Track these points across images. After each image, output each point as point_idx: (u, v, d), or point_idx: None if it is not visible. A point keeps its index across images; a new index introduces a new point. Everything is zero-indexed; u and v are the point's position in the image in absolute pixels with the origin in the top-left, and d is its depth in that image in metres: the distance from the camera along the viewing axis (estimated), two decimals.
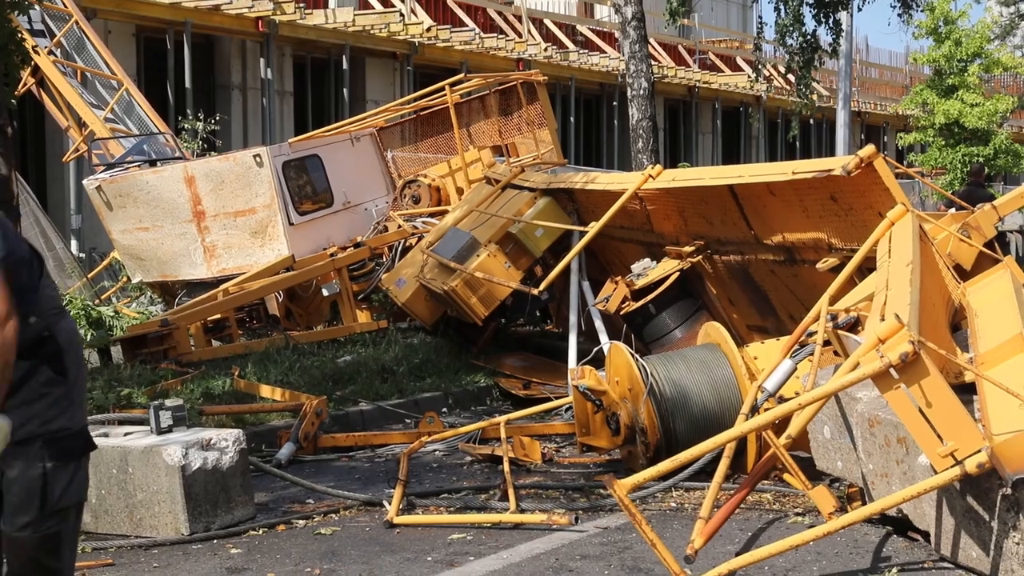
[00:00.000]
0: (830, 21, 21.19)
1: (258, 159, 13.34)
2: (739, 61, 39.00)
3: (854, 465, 6.20)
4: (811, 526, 5.97)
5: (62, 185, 20.43)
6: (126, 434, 7.11)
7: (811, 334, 6.57)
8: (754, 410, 6.34)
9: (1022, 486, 4.73)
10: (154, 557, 6.40)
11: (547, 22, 32.12)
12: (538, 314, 13.41)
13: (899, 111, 32.92)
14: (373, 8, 26.26)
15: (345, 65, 24.67)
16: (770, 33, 22.01)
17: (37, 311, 4.25)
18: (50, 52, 16.40)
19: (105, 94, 16.85)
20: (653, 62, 21.62)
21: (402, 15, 25.47)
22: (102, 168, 14.79)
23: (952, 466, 4.78)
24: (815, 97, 23.00)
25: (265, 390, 9.96)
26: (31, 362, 4.24)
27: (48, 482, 4.23)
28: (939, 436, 4.77)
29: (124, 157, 14.80)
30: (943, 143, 27.05)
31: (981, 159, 26.35)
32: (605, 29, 33.92)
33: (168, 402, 7.22)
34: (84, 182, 14.94)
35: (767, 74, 26.46)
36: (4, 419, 4.09)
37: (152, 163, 14.45)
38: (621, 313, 9.86)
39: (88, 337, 11.93)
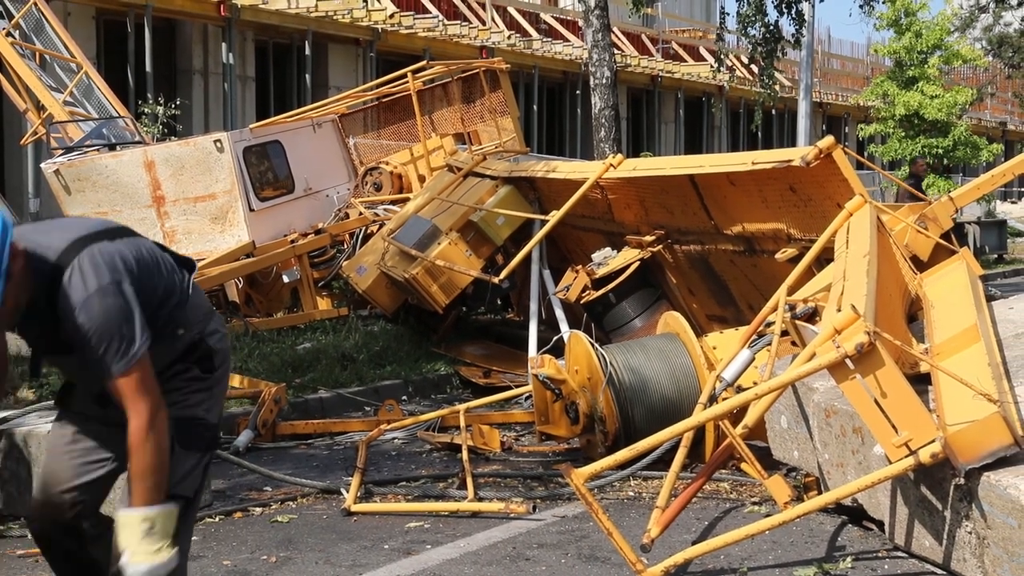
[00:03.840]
0: (792, 11, 21.26)
1: (218, 144, 13.25)
2: (702, 51, 39.08)
3: (810, 455, 6.24)
4: (767, 515, 6.01)
5: (20, 168, 20.24)
6: None
7: (769, 324, 6.59)
8: (712, 399, 6.36)
9: (975, 476, 4.77)
10: None
11: (511, 10, 32.07)
12: (499, 302, 13.41)
13: (860, 102, 33.09)
14: None
15: (307, 51, 24.56)
16: (733, 23, 22.06)
17: (186, 323, 4.13)
18: (8, 34, 16.22)
19: (64, 77, 16.68)
20: (616, 51, 21.65)
21: (365, 1, 25.34)
22: (60, 152, 14.65)
23: (906, 456, 4.82)
24: (777, 87, 23.06)
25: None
26: (183, 364, 4.15)
27: (172, 458, 4.02)
28: (894, 426, 4.80)
29: (83, 141, 14.66)
30: (903, 134, 27.23)
31: (940, 150, 26.55)
32: (569, 18, 33.91)
33: None
34: (42, 166, 14.79)
35: (729, 64, 26.51)
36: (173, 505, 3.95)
37: (111, 147, 14.32)
38: (581, 302, 9.87)
39: None
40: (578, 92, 31.38)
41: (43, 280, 3.78)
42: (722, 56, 22.58)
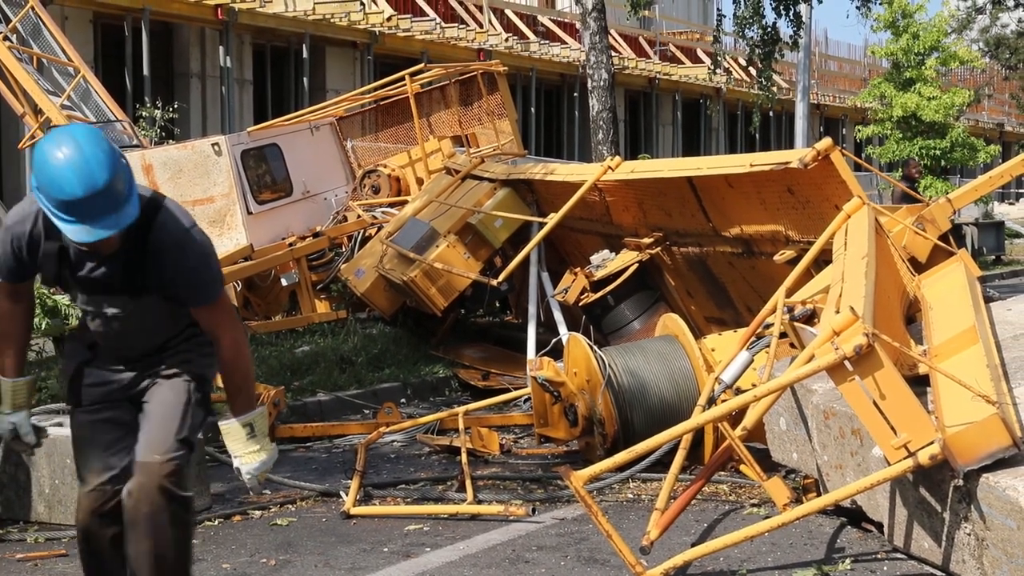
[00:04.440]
0: (790, 13, 21.25)
1: (216, 148, 13.25)
2: (699, 53, 39.10)
3: (809, 456, 6.24)
4: (766, 517, 6.01)
5: (18, 172, 20.23)
6: None
7: (768, 326, 6.60)
8: (711, 402, 6.37)
9: (974, 477, 4.77)
10: None
11: (508, 12, 32.07)
12: (497, 305, 13.41)
13: (857, 104, 33.10)
14: None
15: (305, 54, 24.55)
16: (730, 25, 22.07)
17: None
18: (5, 38, 16.20)
19: (62, 81, 16.67)
20: (614, 53, 21.64)
21: (362, 4, 25.34)
22: None
23: (905, 458, 4.82)
24: (775, 89, 23.05)
25: (222, 380, 9.89)
26: (198, 328, 4.46)
27: (190, 409, 4.40)
28: (892, 428, 4.81)
29: None
30: (900, 136, 27.23)
31: (938, 152, 26.55)
32: (566, 20, 33.92)
33: None
34: None
35: (726, 66, 26.48)
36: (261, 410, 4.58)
37: None
38: (580, 304, 9.87)
39: (43, 326, 11.83)
40: (575, 94, 31.38)
41: (136, 219, 4.11)
42: (718, 58, 22.58)
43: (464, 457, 7.56)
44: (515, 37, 30.39)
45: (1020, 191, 46.38)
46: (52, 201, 3.89)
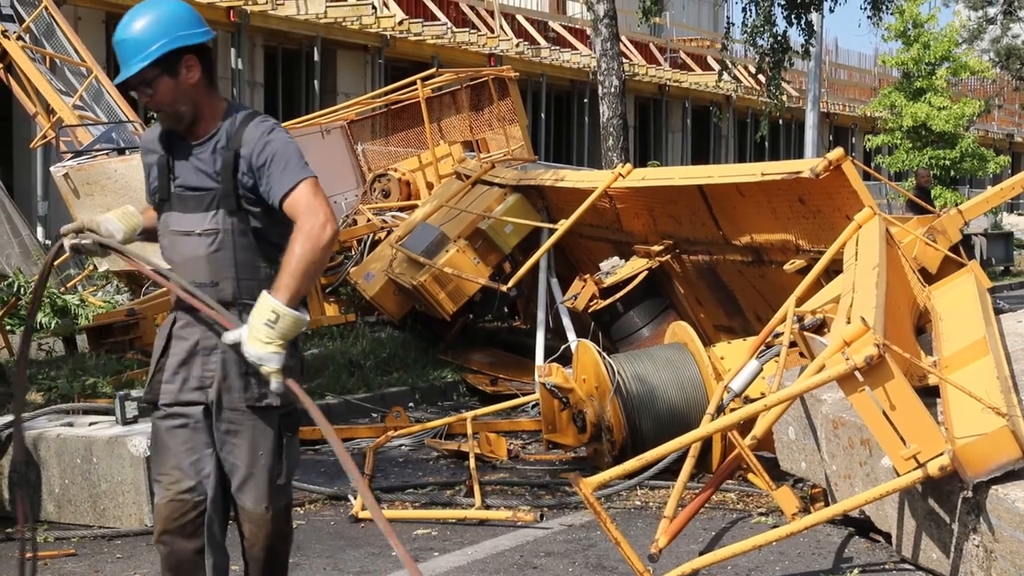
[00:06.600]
0: (802, 22, 21.25)
1: None
2: (710, 60, 39.09)
3: (818, 466, 6.25)
4: (774, 526, 6.02)
5: (29, 172, 20.27)
6: (91, 424, 7.08)
7: (778, 335, 6.61)
8: (720, 410, 6.37)
9: (983, 489, 4.78)
10: (117, 548, 6.38)
11: (519, 18, 32.10)
12: (506, 310, 13.42)
13: (867, 113, 33.10)
14: (345, 0, 26.17)
15: (316, 57, 24.59)
16: (739, 33, 22.09)
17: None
18: (19, 37, 16.26)
19: (74, 81, 16.71)
20: (624, 60, 21.64)
21: (374, 8, 25.39)
22: (70, 155, 14.67)
23: (914, 469, 4.82)
24: (785, 98, 23.07)
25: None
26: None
27: (283, 449, 4.53)
28: (902, 439, 4.81)
29: (92, 145, 14.68)
30: (910, 146, 27.23)
31: (948, 162, 26.55)
32: (577, 26, 33.94)
33: (133, 392, 7.19)
34: (51, 169, 14.81)
35: (735, 73, 26.51)
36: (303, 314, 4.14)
37: (121, 151, 14.33)
38: (589, 311, 9.88)
39: (53, 325, 11.88)
40: (586, 100, 31.37)
41: (234, 122, 4.30)
42: (727, 64, 22.58)
43: (472, 462, 7.57)
44: (526, 42, 30.41)
45: None
46: None
